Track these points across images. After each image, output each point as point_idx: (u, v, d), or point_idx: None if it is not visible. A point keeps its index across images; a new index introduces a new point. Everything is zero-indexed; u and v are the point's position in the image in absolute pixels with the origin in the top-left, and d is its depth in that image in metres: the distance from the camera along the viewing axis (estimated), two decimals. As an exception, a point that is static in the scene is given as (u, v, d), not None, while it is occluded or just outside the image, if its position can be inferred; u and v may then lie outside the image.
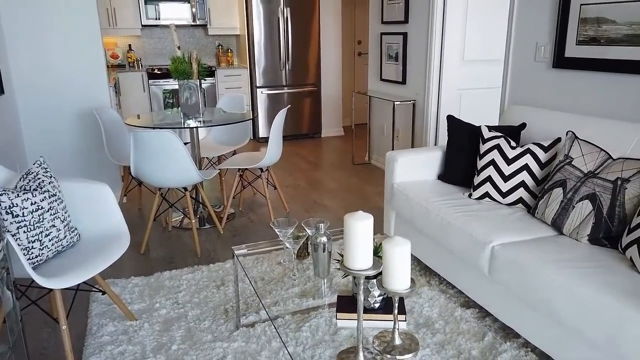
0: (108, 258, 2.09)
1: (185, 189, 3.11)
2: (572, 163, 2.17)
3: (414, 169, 2.89)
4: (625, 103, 2.49)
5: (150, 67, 5.98)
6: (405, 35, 4.36)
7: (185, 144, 3.83)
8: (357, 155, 5.53)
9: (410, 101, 4.33)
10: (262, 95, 6.27)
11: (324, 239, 1.87)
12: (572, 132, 2.29)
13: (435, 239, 2.45)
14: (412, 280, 1.42)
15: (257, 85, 6.21)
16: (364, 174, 4.93)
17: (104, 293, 2.34)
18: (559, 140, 2.40)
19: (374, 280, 1.66)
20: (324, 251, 1.89)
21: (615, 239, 1.94)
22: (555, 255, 1.89)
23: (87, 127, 3.88)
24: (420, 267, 2.82)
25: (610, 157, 2.10)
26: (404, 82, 4.49)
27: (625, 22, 2.44)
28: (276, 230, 1.98)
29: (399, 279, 1.38)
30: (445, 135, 4.19)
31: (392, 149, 4.63)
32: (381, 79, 4.89)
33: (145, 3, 5.81)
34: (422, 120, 4.27)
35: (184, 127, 3.19)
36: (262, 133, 6.40)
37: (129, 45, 6.12)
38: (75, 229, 2.23)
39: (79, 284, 1.96)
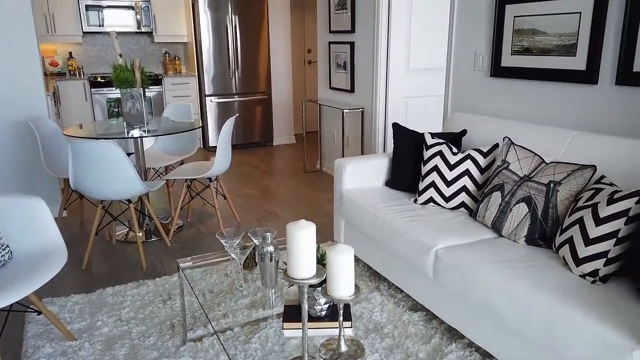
0: (43, 276, 1.98)
1: (129, 201, 3.01)
2: (509, 167, 2.27)
3: (362, 176, 2.93)
4: (556, 110, 2.64)
5: (92, 75, 5.77)
6: (352, 44, 4.44)
7: (130, 154, 3.72)
8: (309, 163, 5.55)
9: (359, 109, 4.40)
10: (211, 103, 6.19)
11: (271, 248, 1.86)
12: (509, 138, 2.40)
13: (383, 244, 2.49)
14: (357, 286, 1.43)
15: (206, 93, 6.12)
16: (316, 181, 4.95)
17: (39, 313, 2.22)
18: (496, 145, 2.50)
19: (320, 288, 1.66)
20: (271, 261, 1.87)
21: (550, 239, 2.04)
22: (495, 256, 1.96)
23: (23, 139, 3.68)
24: (370, 272, 2.85)
25: (544, 161, 2.21)
26: (352, 90, 4.56)
27: (555, 33, 2.59)
28: (222, 241, 1.95)
29: (343, 286, 1.39)
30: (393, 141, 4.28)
31: (343, 156, 4.67)
32: (330, 87, 4.94)
33: (87, 9, 5.61)
34: (370, 127, 4.34)
35: (127, 137, 3.09)
36: (212, 142, 6.30)
37: (70, 52, 5.88)
38: (7, 246, 2.10)
39: (11, 305, 1.84)
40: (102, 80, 5.68)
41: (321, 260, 1.61)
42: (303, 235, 1.29)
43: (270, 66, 6.41)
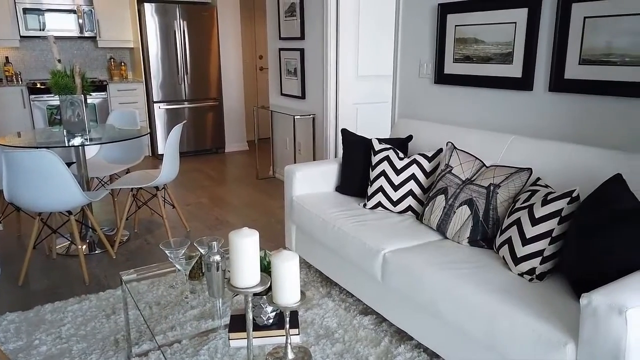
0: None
1: (70, 212, 2.88)
2: (452, 171, 2.34)
3: (313, 182, 2.93)
4: (496, 115, 2.75)
5: (31, 82, 5.50)
6: (302, 51, 4.46)
7: (71, 163, 3.56)
8: (262, 169, 5.51)
9: (310, 115, 4.41)
10: (159, 110, 6.03)
11: (217, 257, 1.83)
12: (452, 142, 2.47)
13: (333, 249, 2.50)
14: (302, 293, 1.43)
15: (154, 100, 5.97)
16: (268, 188, 4.92)
17: (-31, 335, 2.07)
18: (440, 150, 2.57)
19: (266, 297, 1.64)
20: (217, 270, 1.84)
21: (491, 240, 2.11)
22: (439, 258, 2.01)
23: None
24: (321, 278, 2.85)
25: (484, 165, 2.29)
26: (303, 96, 4.57)
27: (493, 42, 2.71)
28: (167, 251, 1.89)
29: (288, 293, 1.38)
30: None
31: (295, 162, 4.67)
32: (282, 94, 4.94)
33: (25, 13, 5.35)
34: (322, 133, 4.37)
35: (66, 146, 2.96)
36: (161, 149, 6.14)
37: (6, 57, 5.58)
38: None
39: None
40: (42, 87, 5.41)
41: (267, 270, 1.60)
42: (246, 244, 1.27)
43: (221, 72, 6.34)
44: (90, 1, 5.69)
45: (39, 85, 5.41)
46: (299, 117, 4.42)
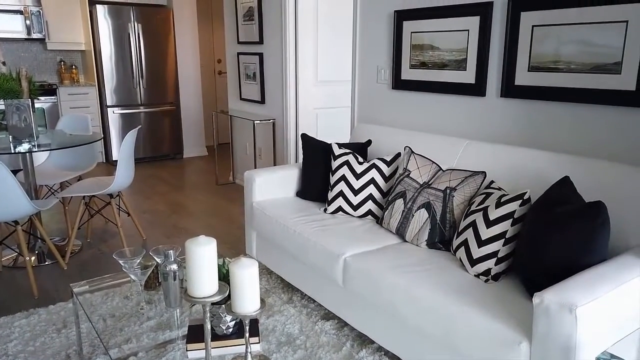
0: None
1: (17, 222, 2.73)
2: (410, 175, 2.37)
3: (273, 187, 2.91)
4: (451, 120, 2.82)
5: (-26, 84, 5.20)
6: (261, 55, 4.43)
7: (18, 171, 3.39)
8: (221, 175, 5.43)
9: (270, 120, 4.39)
10: (114, 115, 5.85)
11: (174, 266, 1.78)
12: (409, 147, 2.52)
13: (294, 255, 2.49)
14: (262, 300, 1.41)
15: (108, 104, 5.78)
16: (229, 194, 4.85)
17: None
18: (399, 155, 2.61)
19: (224, 306, 1.61)
20: (174, 280, 1.79)
21: (448, 242, 2.16)
22: (398, 261, 2.04)
23: None
24: (283, 284, 2.83)
25: (441, 168, 2.34)
26: (263, 101, 4.54)
27: (447, 49, 2.78)
28: (120, 261, 1.83)
29: (248, 301, 1.36)
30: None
31: (255, 167, 4.63)
32: (241, 99, 4.89)
33: (-34, 12, 5.07)
34: (282, 138, 4.35)
35: (12, 153, 2.81)
36: (115, 155, 5.94)
37: (-55, 58, 5.26)
38: None
39: None
40: (-14, 90, 5.12)
41: (225, 278, 1.57)
42: (203, 252, 1.24)
43: (178, 76, 6.21)
44: (39, 1, 5.45)
45: (-18, 89, 5.12)
46: (258, 121, 4.39)
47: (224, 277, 1.58)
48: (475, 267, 1.89)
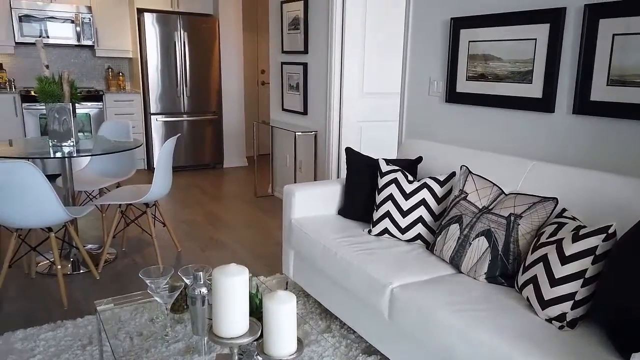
0: None
1: (50, 229, 2.66)
2: (467, 198, 2.13)
3: (313, 204, 2.72)
4: (513, 138, 2.55)
5: (24, 89, 5.32)
6: (305, 65, 4.29)
7: (57, 176, 3.36)
8: (260, 187, 5.30)
9: (312, 132, 4.22)
10: (157, 122, 5.85)
11: (203, 290, 1.61)
12: (466, 166, 2.27)
13: (335, 279, 2.28)
14: (299, 341, 1.21)
15: (152, 111, 5.79)
16: (267, 207, 4.71)
17: None
18: (453, 174, 2.37)
19: (256, 344, 1.42)
20: (203, 304, 1.62)
21: (512, 277, 1.89)
22: (453, 296, 1.79)
23: None
24: (320, 310, 2.62)
25: (503, 192, 2.09)
26: (305, 112, 4.39)
27: (510, 59, 2.52)
28: (146, 281, 1.67)
29: (283, 342, 1.16)
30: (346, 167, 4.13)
31: (295, 181, 4.47)
32: (283, 109, 4.76)
33: (21, 20, 5.19)
34: (324, 151, 4.18)
35: (49, 157, 2.75)
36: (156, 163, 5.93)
37: (0, 64, 5.41)
38: None
39: None
40: (36, 95, 5.23)
41: (258, 310, 1.38)
42: (232, 284, 1.06)
43: (222, 86, 6.17)
44: (90, 9, 5.55)
45: (32, 93, 5.23)
46: (300, 133, 4.23)
47: (257, 308, 1.40)
48: (547, 310, 1.62)
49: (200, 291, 1.60)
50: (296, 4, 4.28)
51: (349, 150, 2.76)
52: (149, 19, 5.52)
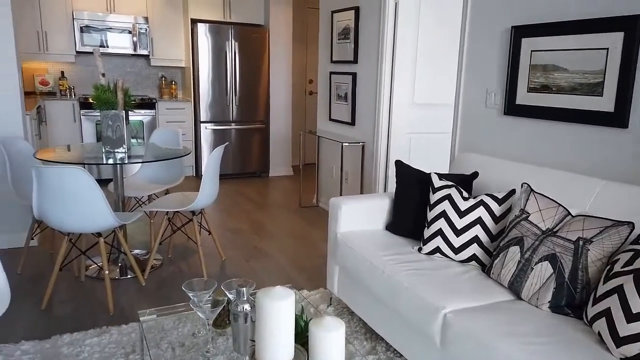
0: (-23, 326, 1.66)
1: (100, 234, 2.70)
2: (529, 219, 1.97)
3: (360, 218, 2.63)
4: (579, 154, 2.36)
5: (83, 96, 5.54)
6: (354, 75, 4.22)
7: (110, 181, 3.43)
8: (305, 197, 5.25)
9: (359, 143, 4.13)
10: (206, 130, 5.94)
11: (247, 306, 1.55)
12: (528, 184, 2.11)
13: (382, 299, 2.17)
14: (347, 371, 1.12)
15: (202, 120, 5.89)
16: (312, 217, 4.64)
17: (-27, 368, 1.88)
18: (513, 192, 2.21)
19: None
20: (245, 322, 1.55)
21: (580, 308, 1.72)
22: (513, 326, 1.64)
23: (-6, 160, 3.40)
24: (365, 329, 2.51)
25: (569, 213, 1.92)
26: (353, 123, 4.31)
27: (577, 70, 2.35)
28: (189, 294, 1.63)
29: (329, 372, 1.07)
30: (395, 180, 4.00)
31: (341, 193, 4.39)
32: (330, 119, 4.70)
33: (82, 31, 5.42)
34: (371, 163, 4.07)
35: (101, 164, 2.81)
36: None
37: (62, 72, 5.67)
38: (-61, 287, 1.78)
39: None
40: (92, 102, 5.43)
41: (303, 333, 1.30)
42: (277, 309, 0.98)
43: (270, 95, 6.21)
44: (146, 20, 5.73)
45: (90, 100, 5.43)
46: (347, 144, 4.14)
47: (301, 331, 1.31)
48: (623, 348, 1.45)
49: (243, 308, 1.54)
50: (347, 13, 4.23)
51: (399, 164, 2.65)
52: (202, 29, 5.64)
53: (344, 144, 4.12)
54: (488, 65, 2.87)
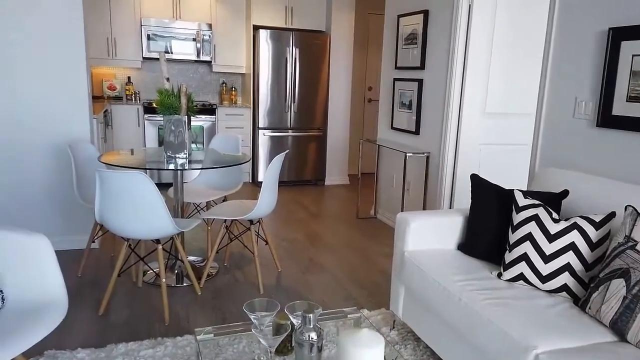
0: (34, 334, 1.61)
1: (158, 241, 2.64)
2: (637, 247, 1.69)
3: (430, 235, 2.42)
4: (692, 174, 2.04)
5: (147, 101, 5.66)
6: (420, 82, 4.00)
7: (169, 185, 3.40)
8: (362, 208, 5.06)
9: (424, 153, 3.91)
10: (264, 137, 5.90)
11: (313, 335, 1.39)
12: (633, 207, 1.83)
13: (455, 328, 1.95)
14: None
15: (260, 126, 5.85)
16: (369, 230, 4.45)
17: (29, 376, 1.84)
18: (613, 215, 1.93)
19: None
20: (311, 351, 1.40)
21: None
22: (627, 378, 1.39)
23: (62, 163, 3.47)
24: (434, 358, 2.29)
25: (690, 244, 1.63)
26: (417, 132, 4.09)
27: (692, 77, 2.03)
28: (251, 316, 1.50)
29: None
30: (463, 194, 3.74)
31: (402, 205, 4.17)
32: (392, 128, 4.50)
33: (149, 39, 5.54)
34: (436, 175, 3.84)
35: (163, 169, 2.77)
36: (261, 177, 5.97)
37: (129, 77, 5.82)
38: (0, 291, 1.76)
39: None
40: (156, 106, 5.52)
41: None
42: (365, 357, 0.81)
43: (328, 102, 6.09)
44: (210, 26, 5.79)
45: (153, 105, 5.53)
46: (411, 154, 3.93)
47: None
48: None
49: (308, 336, 1.38)
50: (415, 17, 4.03)
51: (475, 178, 2.42)
52: (264, 35, 5.61)
53: (407, 154, 3.91)
54: (578, 71, 2.58)
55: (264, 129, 5.89)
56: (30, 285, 1.77)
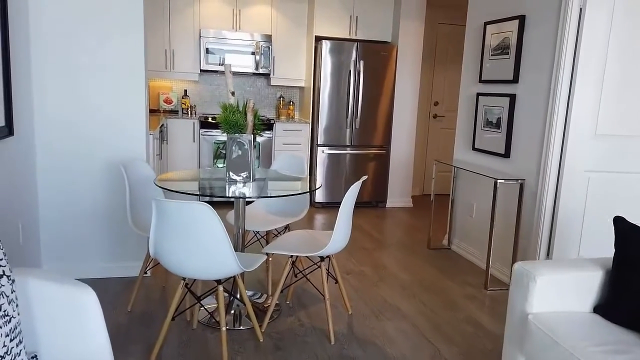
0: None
1: (219, 281, 2.26)
2: None
3: (559, 294, 1.90)
4: None
5: (203, 115, 5.39)
6: (512, 97, 3.48)
7: (221, 204, 3.03)
8: (434, 236, 4.54)
9: (517, 180, 3.36)
10: (322, 154, 5.50)
11: None
12: None
13: None
14: None
15: (318, 143, 5.46)
16: (444, 263, 3.93)
17: None
18: None
19: None
20: None
21: None
22: None
23: (116, 183, 3.18)
24: None
25: None
26: (507, 155, 3.55)
27: None
28: None
29: None
30: (571, 234, 3.17)
31: (490, 240, 3.62)
32: (474, 148, 3.98)
33: (207, 52, 5.29)
34: (532, 206, 3.28)
35: (227, 197, 2.39)
36: (318, 197, 5.57)
37: (185, 90, 5.60)
38: (34, 356, 1.40)
39: None
40: (212, 121, 5.25)
41: None
42: None
43: (393, 118, 5.62)
44: (269, 37, 5.48)
45: (210, 120, 5.26)
46: (502, 181, 3.38)
47: None
48: None
49: None
50: (507, 24, 3.52)
51: (619, 222, 1.89)
52: (326, 47, 5.25)
53: (499, 180, 3.37)
54: None
55: (323, 145, 5.49)
56: (73, 344, 1.40)
